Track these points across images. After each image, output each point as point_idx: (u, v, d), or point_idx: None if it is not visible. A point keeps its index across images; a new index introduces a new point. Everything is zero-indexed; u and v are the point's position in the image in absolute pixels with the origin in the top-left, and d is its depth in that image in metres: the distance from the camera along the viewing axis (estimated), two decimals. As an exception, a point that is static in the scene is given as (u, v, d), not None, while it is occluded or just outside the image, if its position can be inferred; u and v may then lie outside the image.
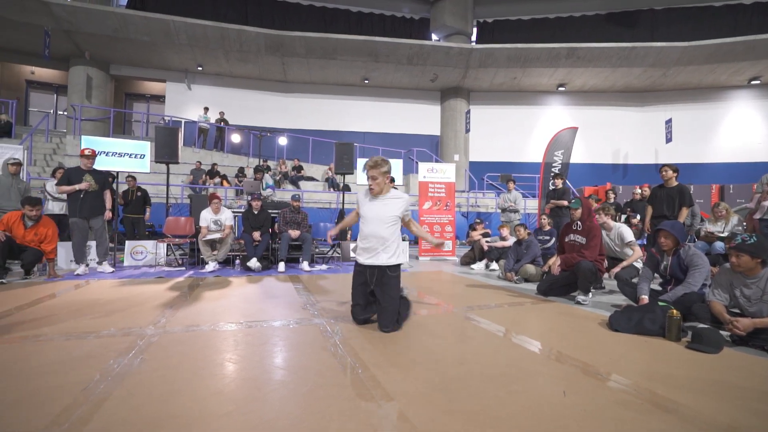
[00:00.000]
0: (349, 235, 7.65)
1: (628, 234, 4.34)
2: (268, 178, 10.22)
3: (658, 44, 12.55)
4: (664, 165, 4.91)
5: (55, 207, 6.24)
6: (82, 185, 4.82)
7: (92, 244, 5.31)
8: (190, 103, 14.50)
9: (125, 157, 6.04)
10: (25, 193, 5.57)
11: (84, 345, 2.29)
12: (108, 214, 5.16)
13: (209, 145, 13.54)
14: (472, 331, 2.80)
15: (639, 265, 4.36)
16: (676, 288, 3.11)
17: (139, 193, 7.32)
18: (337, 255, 7.01)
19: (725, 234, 4.96)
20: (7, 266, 4.43)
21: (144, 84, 15.98)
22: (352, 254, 6.95)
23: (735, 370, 2.14)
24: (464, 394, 1.75)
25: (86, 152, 4.97)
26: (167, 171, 6.75)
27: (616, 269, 4.11)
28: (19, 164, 5.64)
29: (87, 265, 5.04)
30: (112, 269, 5.14)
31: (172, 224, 6.21)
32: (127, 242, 6.07)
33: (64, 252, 5.33)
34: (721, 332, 2.58)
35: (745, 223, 4.99)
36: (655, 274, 3.40)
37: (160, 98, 15.67)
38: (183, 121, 13.41)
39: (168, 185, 6.75)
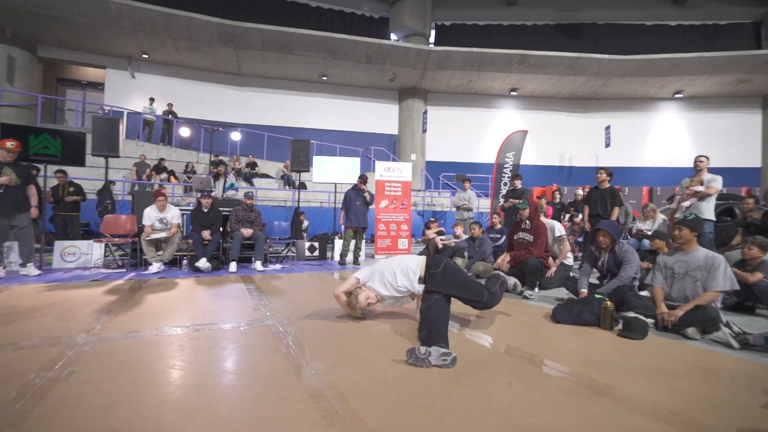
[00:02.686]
0: (305, 235, 7.51)
1: (560, 228, 4.66)
2: (232, 178, 9.60)
3: (599, 56, 13.54)
4: (600, 168, 5.38)
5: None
6: (2, 179, 4.34)
7: (13, 245, 4.78)
8: (134, 92, 13.47)
9: (55, 148, 5.49)
10: None
11: None
12: (34, 212, 4.67)
13: (155, 139, 12.66)
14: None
15: (569, 260, 4.68)
16: (611, 281, 3.39)
17: (71, 189, 6.68)
18: (292, 254, 6.85)
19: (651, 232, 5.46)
20: None
21: (80, 69, 14.61)
22: (307, 253, 6.84)
23: (657, 353, 2.38)
24: (416, 390, 1.78)
25: (8, 145, 4.45)
26: (106, 165, 6.23)
27: (553, 268, 4.35)
28: None
29: (5, 268, 4.55)
30: (38, 272, 4.66)
31: (111, 223, 5.73)
32: (56, 242, 5.53)
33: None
34: (647, 320, 2.86)
35: (669, 222, 5.54)
36: (594, 269, 3.68)
37: (98, 86, 14.40)
38: (125, 111, 12.42)
39: (107, 180, 6.23)
